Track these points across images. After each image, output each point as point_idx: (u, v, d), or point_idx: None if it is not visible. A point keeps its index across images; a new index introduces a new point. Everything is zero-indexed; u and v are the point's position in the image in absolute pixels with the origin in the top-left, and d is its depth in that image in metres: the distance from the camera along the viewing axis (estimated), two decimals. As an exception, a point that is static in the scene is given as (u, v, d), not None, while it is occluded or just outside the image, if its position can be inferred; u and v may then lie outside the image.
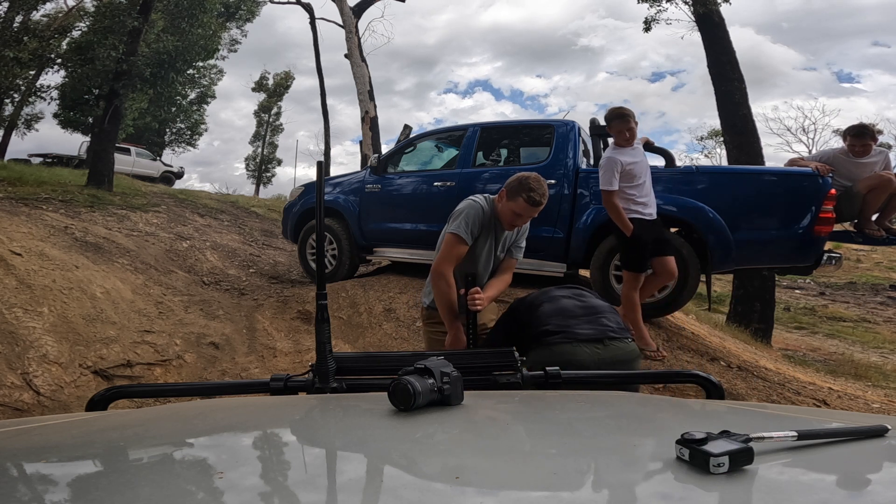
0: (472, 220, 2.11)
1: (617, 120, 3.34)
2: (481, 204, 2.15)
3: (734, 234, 3.77)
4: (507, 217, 2.11)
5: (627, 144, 3.34)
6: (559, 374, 1.11)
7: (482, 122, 5.04)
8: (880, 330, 8.64)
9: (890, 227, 4.11)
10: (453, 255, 2.11)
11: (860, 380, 5.16)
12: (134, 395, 1.26)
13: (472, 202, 2.16)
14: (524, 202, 2.03)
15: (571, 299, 1.97)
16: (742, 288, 7.03)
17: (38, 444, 0.68)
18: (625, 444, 0.65)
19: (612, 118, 3.37)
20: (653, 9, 8.36)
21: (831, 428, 0.66)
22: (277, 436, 0.73)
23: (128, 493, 0.47)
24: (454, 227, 2.12)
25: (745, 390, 3.80)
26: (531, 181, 2.06)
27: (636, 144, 3.43)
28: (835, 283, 12.35)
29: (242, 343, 4.56)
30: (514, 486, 0.49)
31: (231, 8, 18.54)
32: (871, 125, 4.38)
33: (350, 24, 11.65)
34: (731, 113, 7.16)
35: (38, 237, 5.10)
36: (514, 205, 2.06)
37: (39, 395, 3.43)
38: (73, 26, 10.89)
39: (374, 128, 11.08)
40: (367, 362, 1.18)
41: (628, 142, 3.33)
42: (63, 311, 4.03)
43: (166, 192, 10.49)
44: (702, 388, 1.09)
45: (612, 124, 3.36)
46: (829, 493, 0.49)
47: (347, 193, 5.36)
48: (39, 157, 16.92)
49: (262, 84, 29.06)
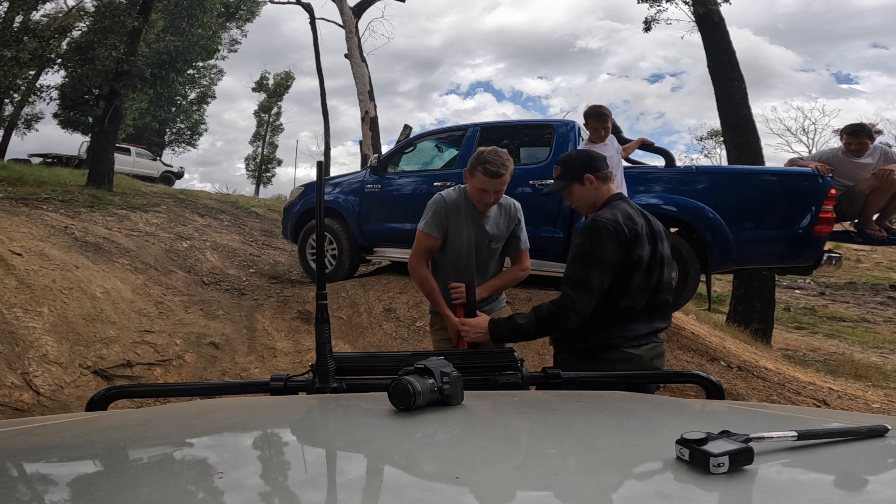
0: (436, 213, 2.12)
1: (594, 118, 3.54)
2: (444, 196, 2.15)
3: (734, 234, 3.77)
4: (474, 196, 2.10)
5: (601, 141, 3.55)
6: (559, 375, 1.11)
7: (482, 122, 5.03)
8: (880, 330, 8.64)
9: (890, 227, 4.11)
10: (421, 250, 2.14)
11: (860, 380, 5.16)
12: (134, 395, 1.26)
13: (437, 195, 2.18)
14: (482, 175, 2.02)
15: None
16: (742, 288, 7.03)
17: (38, 444, 0.68)
18: (625, 444, 0.65)
19: (591, 116, 3.55)
20: (653, 9, 8.36)
21: (831, 428, 0.66)
22: (277, 436, 0.73)
23: (128, 493, 0.47)
24: (421, 223, 2.16)
25: (745, 390, 3.80)
26: (487, 153, 2.06)
27: (607, 141, 3.63)
28: (835, 283, 12.35)
29: (242, 343, 4.56)
30: (514, 486, 0.49)
31: (231, 8, 18.55)
32: (868, 124, 4.38)
33: (350, 24, 11.66)
34: (732, 113, 7.16)
35: (38, 237, 5.10)
36: (475, 181, 2.06)
37: (39, 395, 3.43)
38: (73, 26, 10.89)
39: (375, 128, 11.08)
40: (367, 362, 1.18)
41: (602, 139, 3.55)
42: (63, 311, 4.03)
43: (166, 192, 10.49)
44: (702, 388, 1.09)
45: (590, 121, 3.55)
46: (828, 492, 0.49)
47: (347, 193, 5.36)
48: (39, 157, 16.93)
49: (262, 84, 29.10)
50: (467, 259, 2.14)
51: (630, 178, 3.92)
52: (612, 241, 1.66)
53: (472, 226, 2.15)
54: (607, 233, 1.67)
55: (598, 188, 1.86)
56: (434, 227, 2.12)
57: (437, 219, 2.12)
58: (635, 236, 1.70)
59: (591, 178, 1.84)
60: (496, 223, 2.20)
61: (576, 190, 1.87)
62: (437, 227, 2.12)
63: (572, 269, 1.71)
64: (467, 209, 2.14)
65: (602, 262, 1.66)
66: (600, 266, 1.66)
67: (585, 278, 1.66)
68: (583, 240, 1.72)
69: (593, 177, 1.84)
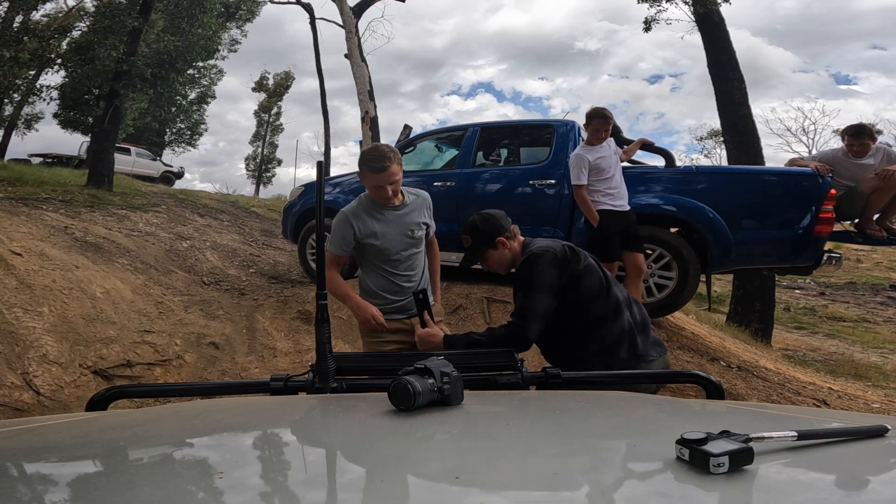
0: (336, 232, 2.23)
1: (598, 119, 3.55)
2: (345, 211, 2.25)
3: (734, 234, 3.77)
4: (376, 194, 2.21)
5: (599, 143, 3.58)
6: (559, 375, 1.11)
7: (482, 122, 5.03)
8: (880, 330, 8.64)
9: (890, 227, 4.11)
10: (332, 265, 2.26)
11: (860, 380, 5.16)
12: (134, 395, 1.25)
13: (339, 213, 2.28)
14: (370, 173, 2.13)
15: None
16: (742, 288, 7.03)
17: (38, 444, 0.68)
18: (625, 444, 0.65)
19: (595, 117, 3.56)
20: (653, 9, 8.36)
21: (831, 428, 0.66)
22: (277, 436, 0.73)
23: (128, 493, 0.47)
24: (326, 244, 2.28)
25: (745, 390, 3.80)
26: (367, 152, 2.18)
27: (604, 143, 3.66)
28: (835, 283, 12.35)
29: (242, 343, 4.56)
30: (514, 486, 0.49)
31: (231, 8, 18.54)
32: (869, 125, 4.37)
33: (350, 24, 11.66)
34: (732, 113, 7.16)
35: (38, 237, 5.10)
36: (367, 181, 2.18)
37: (39, 395, 3.43)
38: (73, 26, 10.90)
39: (375, 128, 11.08)
40: (367, 362, 1.18)
41: (601, 141, 3.57)
42: (63, 311, 4.03)
43: (166, 192, 10.50)
44: (702, 388, 1.09)
45: (593, 122, 3.56)
46: (828, 492, 0.49)
47: (347, 193, 5.35)
48: (39, 157, 16.93)
49: (261, 84, 29.11)
50: (404, 249, 2.28)
51: (630, 178, 3.92)
52: (549, 266, 1.75)
53: (388, 223, 2.25)
54: (543, 259, 1.76)
55: (511, 246, 1.93)
56: (337, 245, 2.23)
57: (338, 237, 2.23)
58: (569, 251, 1.80)
59: (502, 240, 1.92)
60: (412, 214, 2.32)
61: (491, 255, 1.95)
62: (340, 244, 2.23)
63: (519, 300, 1.79)
64: (376, 211, 2.24)
65: (542, 287, 1.75)
66: (542, 292, 1.75)
67: (531, 306, 1.74)
68: (523, 274, 1.80)
69: (503, 238, 1.91)
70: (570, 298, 1.78)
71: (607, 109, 3.62)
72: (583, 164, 3.54)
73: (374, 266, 2.28)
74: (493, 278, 4.55)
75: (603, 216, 3.56)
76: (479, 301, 4.58)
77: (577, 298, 1.79)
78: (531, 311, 1.73)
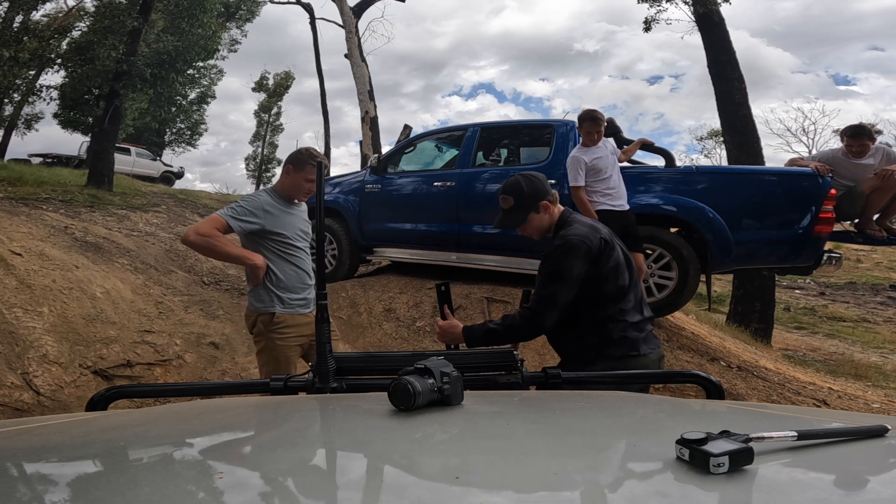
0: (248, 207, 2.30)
1: (589, 122, 3.61)
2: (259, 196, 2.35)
3: (734, 234, 3.77)
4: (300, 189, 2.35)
5: (593, 144, 3.64)
6: (559, 375, 1.11)
7: (482, 123, 5.03)
8: (880, 330, 8.64)
9: (890, 227, 4.11)
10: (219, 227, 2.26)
11: (860, 380, 5.17)
12: (134, 395, 1.25)
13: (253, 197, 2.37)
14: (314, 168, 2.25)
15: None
16: (742, 288, 7.03)
17: (38, 444, 0.68)
18: (625, 444, 0.65)
19: (586, 119, 3.63)
20: (653, 9, 8.36)
21: (831, 428, 0.66)
22: (277, 436, 0.72)
23: (128, 493, 0.46)
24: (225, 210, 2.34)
25: (745, 390, 3.80)
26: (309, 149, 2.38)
27: (600, 143, 3.72)
28: (835, 283, 12.34)
29: (242, 343, 4.56)
30: (514, 486, 0.49)
31: (231, 8, 18.55)
32: (868, 125, 4.37)
33: (350, 24, 11.66)
34: (732, 113, 7.16)
35: (38, 237, 5.10)
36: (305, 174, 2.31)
37: (39, 395, 3.43)
38: (73, 26, 10.90)
39: (375, 128, 11.09)
40: (367, 362, 1.18)
41: (594, 142, 3.63)
42: (63, 311, 4.03)
43: (166, 192, 10.50)
44: (702, 388, 1.09)
45: (584, 125, 3.62)
46: (828, 493, 0.49)
47: (347, 193, 5.36)
48: (39, 157, 16.93)
49: (261, 84, 29.12)
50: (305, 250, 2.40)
51: (630, 178, 3.93)
52: (580, 258, 1.73)
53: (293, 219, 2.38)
54: (578, 251, 1.73)
55: (552, 211, 1.88)
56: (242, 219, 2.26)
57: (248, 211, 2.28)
58: (604, 246, 1.77)
59: (545, 203, 1.85)
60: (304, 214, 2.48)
61: (532, 219, 1.88)
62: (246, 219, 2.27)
63: (542, 286, 1.77)
64: (284, 206, 2.37)
65: (568, 279, 1.73)
66: (566, 283, 1.74)
67: (553, 295, 1.74)
68: (554, 259, 1.77)
69: (547, 201, 1.85)
70: (586, 294, 1.77)
71: (598, 111, 3.68)
72: (579, 165, 3.60)
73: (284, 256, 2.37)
74: (493, 278, 4.55)
75: (601, 216, 3.56)
76: (480, 301, 4.58)
77: (593, 296, 1.78)
78: (551, 300, 1.73)
